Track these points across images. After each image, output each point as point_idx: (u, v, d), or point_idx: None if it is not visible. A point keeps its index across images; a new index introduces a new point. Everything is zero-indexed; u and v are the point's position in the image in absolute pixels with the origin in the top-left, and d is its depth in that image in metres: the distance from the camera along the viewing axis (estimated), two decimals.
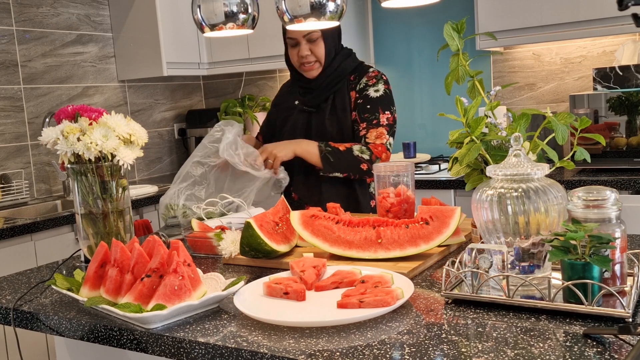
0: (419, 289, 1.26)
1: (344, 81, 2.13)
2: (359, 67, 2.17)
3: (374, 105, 2.08)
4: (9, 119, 3.19)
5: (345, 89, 2.13)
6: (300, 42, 2.08)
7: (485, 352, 0.93)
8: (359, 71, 2.15)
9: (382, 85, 2.11)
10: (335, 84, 2.13)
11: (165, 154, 4.10)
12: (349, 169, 2.03)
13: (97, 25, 3.67)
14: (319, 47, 2.08)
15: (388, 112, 2.09)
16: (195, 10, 1.77)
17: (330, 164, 2.01)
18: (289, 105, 2.24)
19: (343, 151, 2.02)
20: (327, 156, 2.00)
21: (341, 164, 2.01)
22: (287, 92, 2.29)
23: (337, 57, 2.13)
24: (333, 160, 2.00)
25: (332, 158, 2.00)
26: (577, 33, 2.76)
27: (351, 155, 2.02)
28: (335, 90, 2.13)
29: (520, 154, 1.19)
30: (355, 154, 2.02)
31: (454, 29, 1.47)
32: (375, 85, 2.11)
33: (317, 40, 2.07)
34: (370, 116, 2.08)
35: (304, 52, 2.08)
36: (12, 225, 2.57)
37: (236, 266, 1.54)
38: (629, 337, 0.94)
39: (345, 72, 2.13)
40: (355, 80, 2.14)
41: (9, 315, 1.34)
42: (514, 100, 3.30)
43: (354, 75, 2.15)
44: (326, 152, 2.01)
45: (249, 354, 1.00)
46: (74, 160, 1.52)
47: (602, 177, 2.54)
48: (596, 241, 1.05)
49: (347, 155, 2.02)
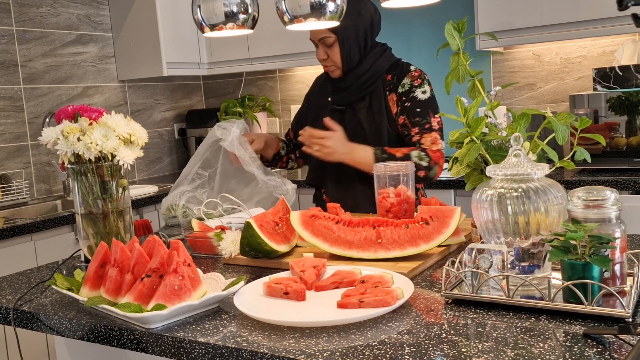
0: (419, 289, 1.26)
1: (379, 81, 2.04)
2: (397, 66, 2.06)
3: (424, 108, 2.00)
4: (9, 119, 3.19)
5: (382, 90, 2.04)
6: (318, 45, 2.03)
7: (485, 352, 0.93)
8: (397, 70, 2.05)
9: (428, 86, 2.03)
10: (371, 84, 2.04)
11: (165, 154, 4.10)
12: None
13: (97, 25, 3.67)
14: (334, 52, 2.01)
15: (437, 115, 2.01)
16: (195, 10, 1.77)
17: None
18: (321, 103, 2.16)
19: (400, 158, 1.92)
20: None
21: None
22: (319, 88, 2.22)
23: (368, 57, 2.04)
24: None
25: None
26: (577, 33, 2.76)
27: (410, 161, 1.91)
28: (370, 91, 2.04)
29: (520, 154, 1.19)
30: (413, 160, 1.92)
31: (455, 28, 1.47)
32: (421, 87, 2.02)
33: (332, 45, 2.00)
34: (421, 120, 1.99)
35: (319, 56, 2.04)
36: (12, 225, 2.57)
37: (236, 266, 1.54)
38: (629, 337, 0.95)
39: (380, 71, 2.04)
40: (393, 80, 2.04)
41: (9, 315, 1.34)
42: (514, 100, 3.30)
43: (392, 75, 2.05)
44: (382, 159, 1.91)
45: (249, 354, 1.00)
46: (74, 160, 1.52)
47: (602, 177, 2.54)
48: (596, 241, 1.05)
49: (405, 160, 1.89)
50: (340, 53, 2.01)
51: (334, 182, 2.09)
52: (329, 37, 1.99)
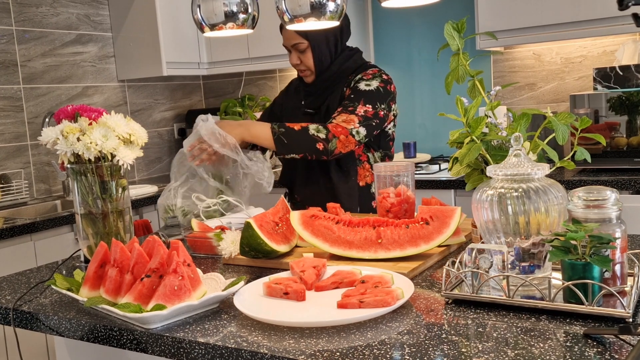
0: (419, 289, 1.26)
1: (342, 82, 2.10)
2: (361, 67, 2.12)
3: (357, 96, 2.02)
4: (8, 119, 3.19)
5: (340, 91, 2.09)
6: (291, 51, 2.09)
7: (485, 352, 0.93)
8: (360, 70, 2.11)
9: (377, 82, 2.04)
10: (333, 86, 2.10)
11: (165, 154, 4.09)
12: (304, 150, 1.94)
13: (96, 25, 3.67)
14: (307, 57, 2.07)
15: (370, 105, 2.00)
16: (195, 10, 1.77)
17: (284, 145, 1.93)
18: (295, 105, 2.21)
19: (298, 131, 1.94)
20: (281, 138, 1.93)
21: (296, 144, 1.93)
22: (294, 90, 2.26)
23: (337, 60, 2.09)
24: (287, 142, 1.93)
25: (286, 139, 1.93)
26: (578, 33, 2.76)
27: (306, 135, 1.93)
28: (331, 92, 2.11)
29: (520, 154, 1.18)
30: (310, 132, 1.93)
31: (455, 29, 1.47)
32: (368, 80, 2.05)
33: (305, 50, 2.06)
34: (348, 104, 2.01)
35: (292, 61, 2.10)
36: (12, 225, 2.57)
37: (236, 266, 1.54)
38: (629, 337, 0.94)
39: (346, 74, 2.11)
40: (353, 78, 2.09)
41: (8, 315, 1.34)
42: (514, 100, 3.30)
43: (352, 75, 2.11)
44: (279, 133, 1.93)
45: (249, 354, 1.00)
46: (74, 160, 1.52)
47: (603, 177, 2.54)
48: (596, 241, 1.05)
49: (302, 134, 1.93)
50: (312, 58, 2.07)
51: (303, 181, 2.15)
52: (301, 43, 2.06)
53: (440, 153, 3.56)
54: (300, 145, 1.94)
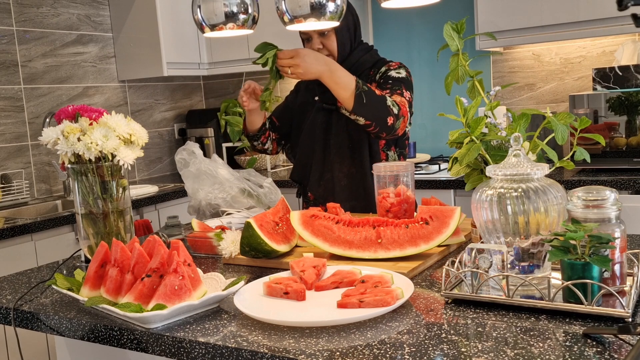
0: (419, 289, 1.26)
1: (362, 77, 2.05)
2: (380, 62, 2.08)
3: (396, 82, 1.98)
4: (9, 119, 3.19)
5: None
6: (312, 36, 2.03)
7: (485, 352, 0.93)
8: (379, 65, 2.07)
9: (404, 72, 2.03)
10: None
11: (165, 154, 4.10)
12: (376, 118, 1.84)
13: (97, 25, 3.67)
14: (330, 40, 2.01)
15: (409, 92, 1.98)
16: (195, 10, 1.78)
17: (362, 105, 1.82)
18: (307, 100, 2.16)
19: (379, 96, 1.85)
20: (362, 95, 1.82)
21: (373, 108, 1.83)
22: (305, 86, 2.22)
23: (355, 52, 2.06)
24: (366, 102, 1.82)
25: (366, 99, 1.82)
26: (577, 33, 2.76)
27: (384, 103, 1.84)
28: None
29: (520, 154, 1.19)
30: (388, 103, 1.85)
31: (454, 29, 1.47)
32: (396, 70, 2.02)
33: (328, 34, 2.01)
34: (393, 86, 1.96)
35: (315, 46, 2.02)
36: (13, 225, 2.57)
37: (236, 266, 1.54)
38: (628, 337, 0.95)
39: (364, 67, 2.06)
40: (374, 73, 2.05)
41: (9, 315, 1.34)
42: (513, 100, 3.31)
43: (373, 70, 2.06)
44: (362, 90, 1.82)
45: (249, 354, 1.00)
46: (74, 160, 1.52)
47: (602, 177, 2.54)
48: (596, 241, 1.05)
49: (381, 100, 1.84)
50: (336, 41, 2.02)
51: (318, 178, 2.10)
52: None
53: (440, 153, 3.56)
54: (376, 111, 1.83)
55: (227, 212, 1.93)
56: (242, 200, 1.96)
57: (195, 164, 1.96)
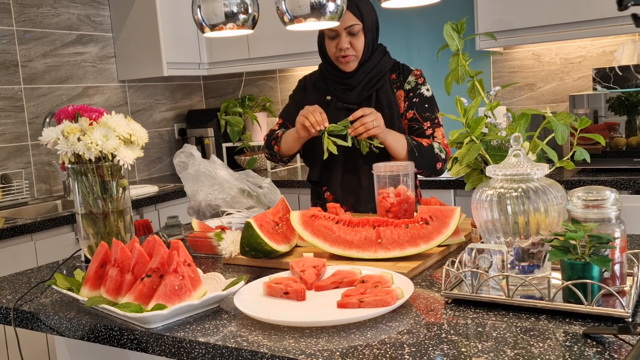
0: (419, 289, 1.26)
1: (385, 78, 2.08)
2: (398, 66, 2.13)
3: (430, 105, 2.08)
4: (9, 119, 3.19)
5: (389, 87, 2.07)
6: (341, 35, 2.01)
7: (485, 351, 0.93)
8: (399, 69, 2.11)
9: (429, 86, 2.12)
10: (377, 81, 2.07)
11: (165, 154, 4.10)
12: (427, 166, 1.98)
13: (97, 25, 3.67)
14: (359, 40, 2.02)
15: (438, 111, 2.09)
16: (195, 10, 1.77)
17: (415, 158, 1.94)
18: (318, 101, 2.12)
19: (426, 147, 1.98)
20: (414, 150, 1.95)
21: (424, 160, 1.97)
22: (313, 87, 2.19)
23: (375, 54, 2.08)
24: (417, 155, 1.95)
25: (417, 153, 1.95)
26: (577, 33, 2.76)
27: (433, 153, 1.98)
28: (378, 88, 2.07)
29: (520, 154, 1.19)
30: (435, 151, 1.99)
31: (454, 29, 1.47)
32: (425, 85, 2.10)
33: (357, 33, 2.01)
34: (431, 115, 2.06)
35: (344, 45, 2.01)
36: (13, 225, 2.57)
37: (236, 266, 1.54)
38: (628, 337, 0.95)
39: (384, 69, 2.08)
40: (398, 78, 2.09)
41: (9, 315, 1.34)
42: (513, 100, 3.31)
43: (395, 74, 2.10)
44: (413, 145, 1.95)
45: (249, 354, 1.00)
46: (75, 160, 1.52)
47: (602, 177, 2.54)
48: (596, 241, 1.05)
49: (430, 151, 1.98)
50: (365, 41, 2.04)
51: (340, 178, 2.08)
52: (356, 25, 2.01)
53: None
54: (427, 162, 1.98)
55: (227, 212, 1.93)
56: (242, 201, 1.96)
57: (194, 166, 1.96)
